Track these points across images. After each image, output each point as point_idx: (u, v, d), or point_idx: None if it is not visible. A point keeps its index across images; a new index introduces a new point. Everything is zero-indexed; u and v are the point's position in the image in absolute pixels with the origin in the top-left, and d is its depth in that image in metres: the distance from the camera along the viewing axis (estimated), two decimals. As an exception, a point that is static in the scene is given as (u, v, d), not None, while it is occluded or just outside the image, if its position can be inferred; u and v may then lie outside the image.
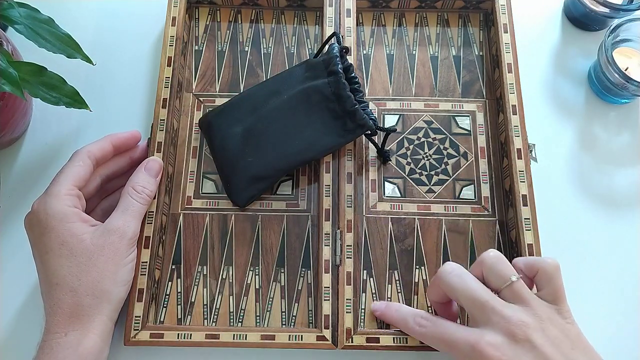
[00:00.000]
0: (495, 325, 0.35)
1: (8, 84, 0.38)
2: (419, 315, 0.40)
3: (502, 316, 0.35)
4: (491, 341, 0.35)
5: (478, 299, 0.36)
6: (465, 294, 0.37)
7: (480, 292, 0.37)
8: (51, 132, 0.52)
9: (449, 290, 0.38)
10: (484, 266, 0.38)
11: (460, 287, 0.37)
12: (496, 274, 0.37)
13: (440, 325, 0.39)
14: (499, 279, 0.37)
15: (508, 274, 0.37)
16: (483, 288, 0.37)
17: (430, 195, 0.49)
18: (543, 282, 0.37)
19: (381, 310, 0.43)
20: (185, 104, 0.52)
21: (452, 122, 0.51)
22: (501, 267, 0.37)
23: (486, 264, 0.38)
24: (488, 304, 0.36)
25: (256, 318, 0.45)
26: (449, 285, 0.38)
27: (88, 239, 0.39)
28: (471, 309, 0.37)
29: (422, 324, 0.39)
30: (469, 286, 0.37)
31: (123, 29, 0.56)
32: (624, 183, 0.51)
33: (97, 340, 0.39)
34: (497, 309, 0.35)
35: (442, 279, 0.39)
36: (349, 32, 0.51)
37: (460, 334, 0.36)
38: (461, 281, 0.37)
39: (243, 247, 0.47)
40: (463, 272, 0.38)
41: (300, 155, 0.47)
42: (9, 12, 0.41)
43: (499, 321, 0.35)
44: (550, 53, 0.56)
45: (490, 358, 0.34)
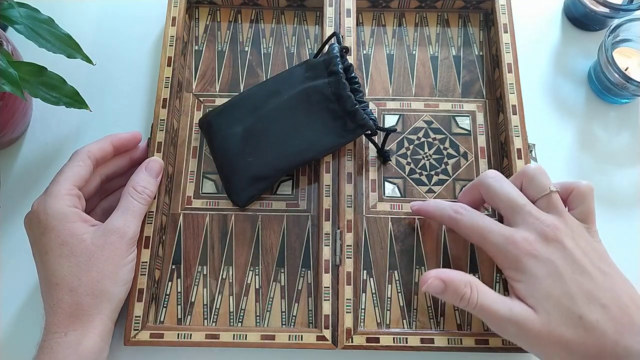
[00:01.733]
0: (529, 225, 0.38)
1: (8, 84, 0.38)
2: (456, 205, 0.42)
3: (536, 217, 0.38)
4: (524, 235, 0.37)
5: (515, 202, 0.39)
6: (504, 197, 0.39)
7: (518, 196, 0.39)
8: (51, 132, 0.52)
9: (489, 193, 0.40)
10: (525, 175, 0.40)
11: (500, 191, 0.40)
12: (536, 184, 0.39)
13: (477, 215, 0.41)
14: (537, 188, 0.39)
15: (547, 185, 0.39)
16: (520, 194, 0.39)
17: (430, 195, 0.49)
18: (576, 202, 0.39)
19: (418, 205, 0.45)
20: (185, 104, 0.52)
21: (452, 122, 0.51)
22: (541, 178, 0.39)
23: (528, 174, 0.40)
24: (525, 207, 0.38)
25: (256, 318, 0.45)
26: (490, 188, 0.40)
27: (88, 238, 0.39)
28: (507, 211, 0.39)
29: (459, 211, 0.41)
30: (508, 190, 0.39)
31: (123, 29, 0.56)
32: (624, 183, 0.51)
33: (97, 340, 0.39)
34: (532, 211, 0.38)
35: (484, 182, 0.41)
36: (349, 32, 0.51)
37: (496, 226, 0.39)
38: (501, 186, 0.40)
39: (243, 247, 0.47)
40: (503, 178, 0.40)
41: (300, 155, 0.47)
42: (9, 12, 0.41)
43: (534, 222, 0.38)
44: (550, 53, 0.56)
45: (521, 249, 0.37)
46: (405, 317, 0.45)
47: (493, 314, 0.37)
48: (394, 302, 0.45)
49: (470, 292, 0.37)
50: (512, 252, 0.37)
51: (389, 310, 0.45)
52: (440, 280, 0.38)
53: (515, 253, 0.37)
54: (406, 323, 0.45)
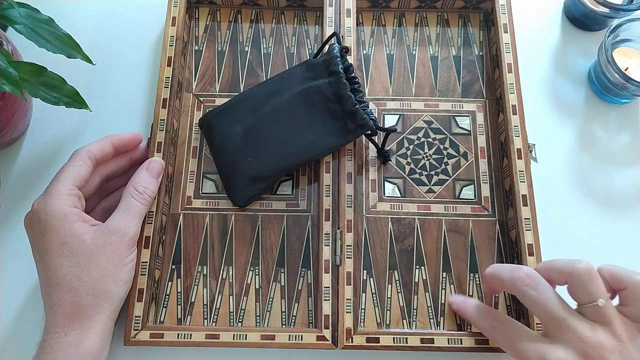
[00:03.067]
0: (569, 344, 0.34)
1: (8, 84, 0.38)
2: (492, 316, 0.40)
3: (578, 335, 0.34)
4: (561, 358, 0.34)
5: (555, 315, 0.35)
6: (542, 308, 0.36)
7: (557, 308, 0.35)
8: (51, 132, 0.52)
9: (524, 301, 0.37)
10: (572, 278, 0.36)
11: (537, 301, 0.36)
12: (584, 291, 0.35)
13: (514, 328, 0.38)
14: (586, 296, 0.35)
15: (597, 296, 0.35)
16: (561, 303, 0.36)
17: (430, 195, 0.49)
18: (630, 300, 0.35)
19: (458, 304, 0.43)
20: (185, 104, 0.52)
21: (452, 122, 0.51)
22: (591, 286, 0.35)
23: (575, 278, 0.35)
24: (564, 322, 0.35)
25: (256, 318, 0.45)
26: (526, 296, 0.36)
27: (88, 238, 0.39)
28: (546, 323, 0.36)
29: (494, 325, 0.39)
30: (545, 301, 0.36)
31: (123, 29, 0.56)
32: (624, 183, 0.51)
33: (97, 340, 0.39)
34: (573, 327, 0.34)
35: (517, 288, 0.37)
36: (349, 32, 0.51)
37: (531, 344, 0.36)
38: (538, 294, 0.36)
39: (243, 247, 0.47)
40: (539, 283, 0.36)
41: (300, 155, 0.47)
42: (9, 12, 0.41)
43: (574, 340, 0.34)
44: (550, 53, 0.56)
45: None
46: (405, 317, 0.45)
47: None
48: (394, 302, 0.45)
49: None
50: None
51: (389, 310, 0.45)
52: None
53: None
54: (406, 323, 0.45)
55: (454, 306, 0.44)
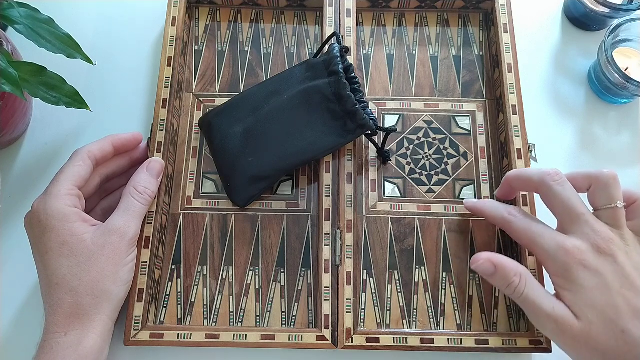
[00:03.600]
0: (584, 235, 0.37)
1: (8, 84, 0.38)
2: (510, 207, 0.42)
3: (592, 228, 0.37)
4: (577, 244, 0.37)
5: (575, 210, 0.38)
6: (565, 203, 0.38)
7: (578, 204, 0.38)
8: (51, 132, 0.52)
9: (549, 195, 0.39)
10: (598, 181, 0.39)
11: (561, 196, 0.39)
12: (606, 193, 0.38)
13: (530, 219, 0.40)
14: (605, 199, 0.38)
15: (616, 199, 0.38)
16: (581, 201, 0.39)
17: (430, 195, 0.49)
18: (636, 213, 0.39)
19: (473, 202, 0.45)
20: (185, 104, 0.52)
21: (452, 122, 0.51)
22: (613, 190, 0.38)
23: (601, 181, 0.39)
24: (582, 217, 0.38)
25: (256, 318, 0.45)
26: (552, 191, 0.39)
27: (89, 238, 0.39)
28: (564, 217, 0.39)
29: (512, 213, 0.41)
30: (569, 196, 0.38)
31: (123, 29, 0.56)
32: (624, 183, 0.50)
33: (98, 340, 0.39)
34: (590, 221, 0.38)
35: (546, 184, 0.39)
36: (349, 32, 0.51)
37: (548, 231, 0.39)
38: (563, 190, 0.39)
39: (243, 247, 0.47)
40: (565, 182, 0.39)
41: (300, 155, 0.47)
42: (9, 12, 0.41)
43: (589, 233, 0.37)
44: (550, 53, 0.56)
45: (572, 258, 0.36)
46: (405, 317, 0.45)
47: (536, 307, 0.37)
48: (394, 302, 0.45)
49: (518, 281, 0.38)
50: (561, 259, 0.37)
51: (389, 310, 0.45)
52: (491, 264, 0.39)
53: (565, 260, 0.37)
54: (406, 323, 0.45)
55: (468, 205, 0.46)
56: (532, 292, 0.38)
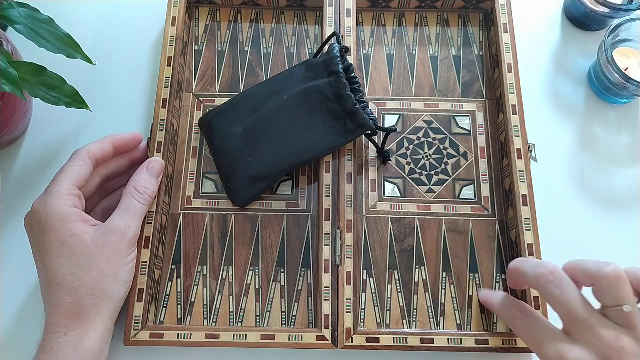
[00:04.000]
0: (590, 345, 0.34)
1: (8, 84, 0.38)
2: (517, 307, 0.39)
3: (599, 337, 0.33)
4: (580, 357, 0.33)
5: (576, 315, 0.34)
6: (563, 307, 0.35)
7: (580, 308, 0.34)
8: (51, 132, 0.52)
9: (547, 297, 0.36)
10: (599, 281, 0.34)
11: (559, 299, 0.35)
12: (611, 295, 0.34)
13: (535, 321, 0.38)
14: (612, 300, 0.34)
15: (624, 300, 0.34)
16: (583, 303, 0.35)
17: (430, 195, 0.49)
18: None
19: (485, 296, 0.44)
20: (185, 104, 0.52)
21: (452, 122, 0.51)
22: (619, 291, 0.34)
23: (603, 281, 0.34)
24: (585, 323, 0.34)
25: (256, 318, 0.45)
26: (549, 294, 0.36)
27: (89, 238, 0.39)
28: (567, 322, 0.35)
29: (516, 315, 0.39)
30: (568, 300, 0.35)
31: (123, 29, 0.56)
32: (624, 183, 0.51)
33: (98, 340, 0.39)
34: (594, 329, 0.34)
35: (541, 285, 0.36)
36: (349, 32, 0.51)
37: (551, 340, 0.35)
38: (561, 293, 0.35)
39: (243, 247, 0.47)
40: (563, 281, 0.35)
41: (300, 155, 0.47)
42: (9, 12, 0.41)
43: (595, 342, 0.33)
44: (550, 53, 0.56)
45: None
46: (405, 317, 0.45)
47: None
48: (394, 302, 0.45)
49: None
50: None
51: (389, 310, 0.45)
52: None
53: None
54: (406, 323, 0.45)
55: (482, 299, 0.44)
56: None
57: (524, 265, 0.38)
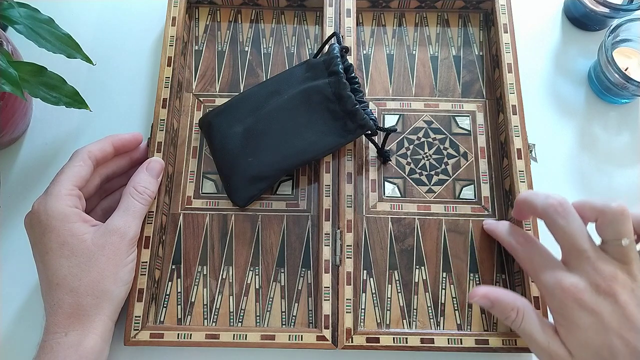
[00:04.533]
0: (584, 274, 0.36)
1: (8, 84, 0.38)
2: (520, 234, 0.42)
3: (594, 267, 0.36)
4: (574, 282, 0.36)
5: (577, 246, 0.37)
6: (568, 236, 0.37)
7: (582, 240, 0.37)
8: (51, 132, 0.52)
9: (552, 227, 0.38)
10: (604, 214, 0.36)
11: (565, 229, 0.37)
12: (613, 228, 0.36)
13: (536, 249, 0.40)
14: (613, 233, 0.36)
15: (623, 234, 0.36)
16: (586, 236, 0.37)
17: (430, 195, 0.49)
18: None
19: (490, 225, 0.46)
20: (185, 104, 0.52)
21: (452, 122, 0.51)
22: (621, 225, 0.36)
23: (607, 216, 0.36)
24: (585, 254, 0.36)
25: (256, 318, 0.45)
26: (555, 224, 0.38)
27: (89, 239, 0.39)
28: (566, 251, 0.38)
29: (520, 241, 0.42)
30: (573, 230, 0.37)
31: (123, 29, 0.56)
32: (624, 183, 0.51)
33: (98, 340, 0.39)
34: (592, 259, 0.36)
35: (549, 214, 0.38)
36: (349, 32, 0.51)
37: (549, 265, 0.38)
38: (566, 223, 0.37)
39: (243, 247, 0.47)
40: (570, 213, 0.37)
41: (300, 155, 0.47)
42: (9, 12, 0.41)
43: (590, 272, 0.36)
44: (550, 53, 0.56)
45: (568, 295, 0.36)
46: (405, 317, 0.45)
47: (532, 341, 0.38)
48: (394, 302, 0.45)
49: (515, 316, 0.38)
50: (558, 296, 0.36)
51: (389, 310, 0.45)
52: (487, 300, 0.39)
53: (561, 298, 0.36)
54: (406, 323, 0.45)
55: (486, 227, 0.46)
56: (529, 326, 0.38)
57: (534, 197, 0.40)
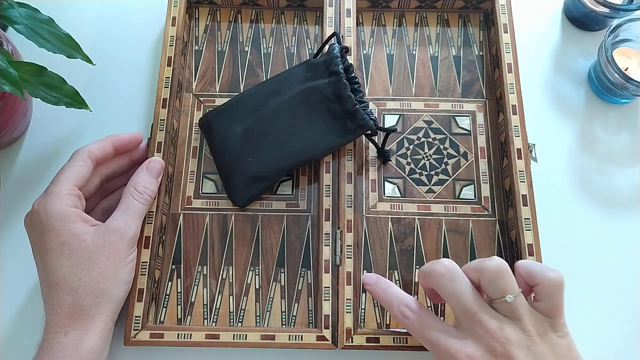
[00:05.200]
0: (477, 338, 0.35)
1: (8, 84, 0.38)
2: (403, 303, 0.39)
3: (486, 330, 0.34)
4: (469, 353, 0.34)
5: (467, 308, 0.35)
6: (455, 300, 0.36)
7: (470, 301, 0.35)
8: (51, 132, 0.52)
9: (441, 292, 0.37)
10: (483, 275, 0.36)
11: (451, 292, 0.36)
12: (495, 288, 0.35)
13: (425, 322, 0.37)
14: (496, 292, 0.35)
15: (506, 291, 0.35)
16: (474, 297, 0.36)
17: (430, 195, 0.49)
18: (542, 295, 0.35)
19: (371, 284, 0.41)
20: (185, 104, 0.52)
21: (452, 122, 0.51)
22: (501, 282, 0.35)
23: (485, 275, 0.36)
24: (475, 316, 0.35)
25: (256, 318, 0.45)
26: (441, 288, 0.37)
27: (89, 238, 0.39)
28: (458, 315, 0.36)
29: (406, 314, 0.38)
30: (460, 294, 0.36)
31: (123, 29, 0.56)
32: (624, 183, 0.51)
33: (98, 340, 0.39)
34: (483, 322, 0.35)
35: (434, 280, 0.37)
36: (349, 32, 0.51)
37: (443, 339, 0.36)
38: (453, 287, 0.36)
39: (243, 247, 0.47)
40: (456, 276, 0.37)
41: (300, 155, 0.47)
42: (9, 12, 0.41)
43: (482, 335, 0.34)
44: (550, 53, 0.56)
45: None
46: (405, 317, 0.45)
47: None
48: (394, 302, 0.45)
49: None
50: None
51: (389, 310, 0.45)
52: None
53: None
54: (406, 323, 0.45)
55: (367, 288, 0.42)
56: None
57: (423, 268, 0.39)
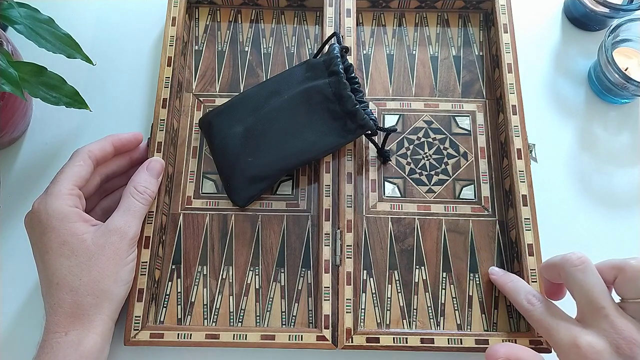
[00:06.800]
0: (603, 332, 0.34)
1: (8, 84, 0.38)
2: (531, 293, 0.40)
3: (613, 326, 0.34)
4: (593, 343, 0.34)
5: (596, 302, 0.35)
6: (584, 292, 0.36)
7: (600, 295, 0.35)
8: (51, 132, 0.52)
9: (569, 282, 0.37)
10: (624, 272, 0.35)
11: (582, 283, 0.36)
12: (633, 287, 0.35)
13: (549, 310, 0.38)
14: (633, 292, 0.35)
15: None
16: (604, 292, 0.35)
17: (430, 195, 0.49)
18: None
19: (498, 275, 0.44)
20: (185, 104, 0.52)
21: (452, 122, 0.51)
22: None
23: (627, 273, 0.35)
24: (603, 311, 0.35)
25: (256, 318, 0.45)
26: (572, 278, 0.37)
27: (89, 238, 0.39)
28: (584, 307, 0.36)
29: (532, 301, 0.39)
30: (591, 285, 0.36)
31: (123, 29, 0.56)
32: (624, 183, 0.51)
33: (98, 340, 0.39)
34: (610, 317, 0.34)
35: (566, 270, 0.37)
36: (349, 32, 0.51)
37: (565, 326, 0.36)
38: (584, 277, 0.36)
39: (243, 247, 0.47)
40: (589, 268, 0.36)
41: (300, 155, 0.47)
42: (9, 12, 0.41)
43: (609, 330, 0.34)
44: (550, 53, 0.56)
45: (584, 357, 0.33)
46: (405, 317, 0.45)
47: None
48: (394, 302, 0.45)
49: None
50: (573, 357, 0.34)
51: (389, 310, 0.45)
52: None
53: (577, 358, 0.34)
54: (406, 323, 0.45)
55: (492, 277, 0.45)
56: None
57: (552, 259, 0.39)
